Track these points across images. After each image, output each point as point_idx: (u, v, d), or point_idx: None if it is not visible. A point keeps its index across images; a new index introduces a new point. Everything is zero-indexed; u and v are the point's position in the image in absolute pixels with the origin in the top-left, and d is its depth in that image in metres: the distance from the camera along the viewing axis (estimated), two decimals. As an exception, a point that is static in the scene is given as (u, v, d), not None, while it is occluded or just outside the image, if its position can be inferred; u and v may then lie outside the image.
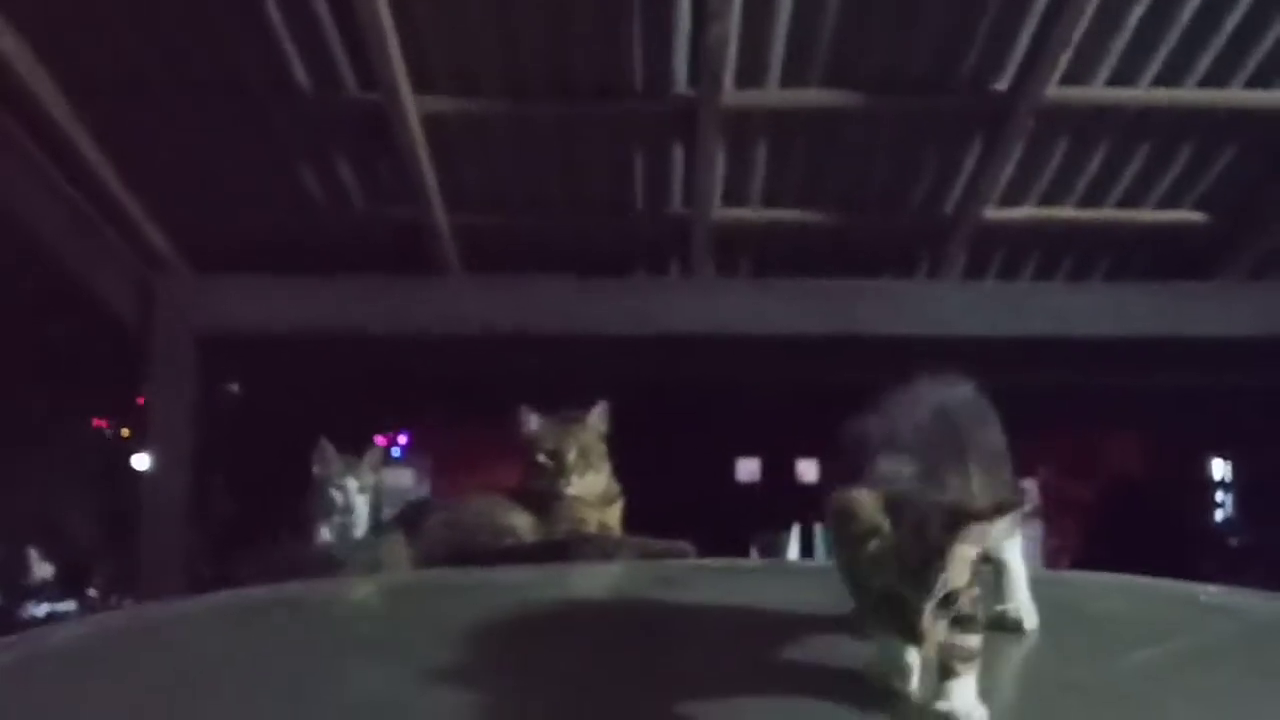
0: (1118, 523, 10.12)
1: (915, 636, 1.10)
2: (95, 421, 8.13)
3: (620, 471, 3.12)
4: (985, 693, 1.30)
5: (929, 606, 1.15)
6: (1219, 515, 11.60)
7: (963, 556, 1.13)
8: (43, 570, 6.96)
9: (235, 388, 6.48)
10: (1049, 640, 1.39)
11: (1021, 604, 1.34)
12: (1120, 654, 1.36)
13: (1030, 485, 8.17)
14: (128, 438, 7.34)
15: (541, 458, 3.05)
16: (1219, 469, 11.69)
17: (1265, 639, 1.57)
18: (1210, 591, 1.98)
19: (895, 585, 1.09)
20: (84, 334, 6.34)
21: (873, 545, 1.06)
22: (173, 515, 5.60)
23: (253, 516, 6.71)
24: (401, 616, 1.80)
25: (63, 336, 6.45)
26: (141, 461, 6.02)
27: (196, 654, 1.45)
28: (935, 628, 1.14)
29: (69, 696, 1.26)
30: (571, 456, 3.00)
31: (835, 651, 1.11)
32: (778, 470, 9.78)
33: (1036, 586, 1.45)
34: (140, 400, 6.05)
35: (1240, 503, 11.48)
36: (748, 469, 10.99)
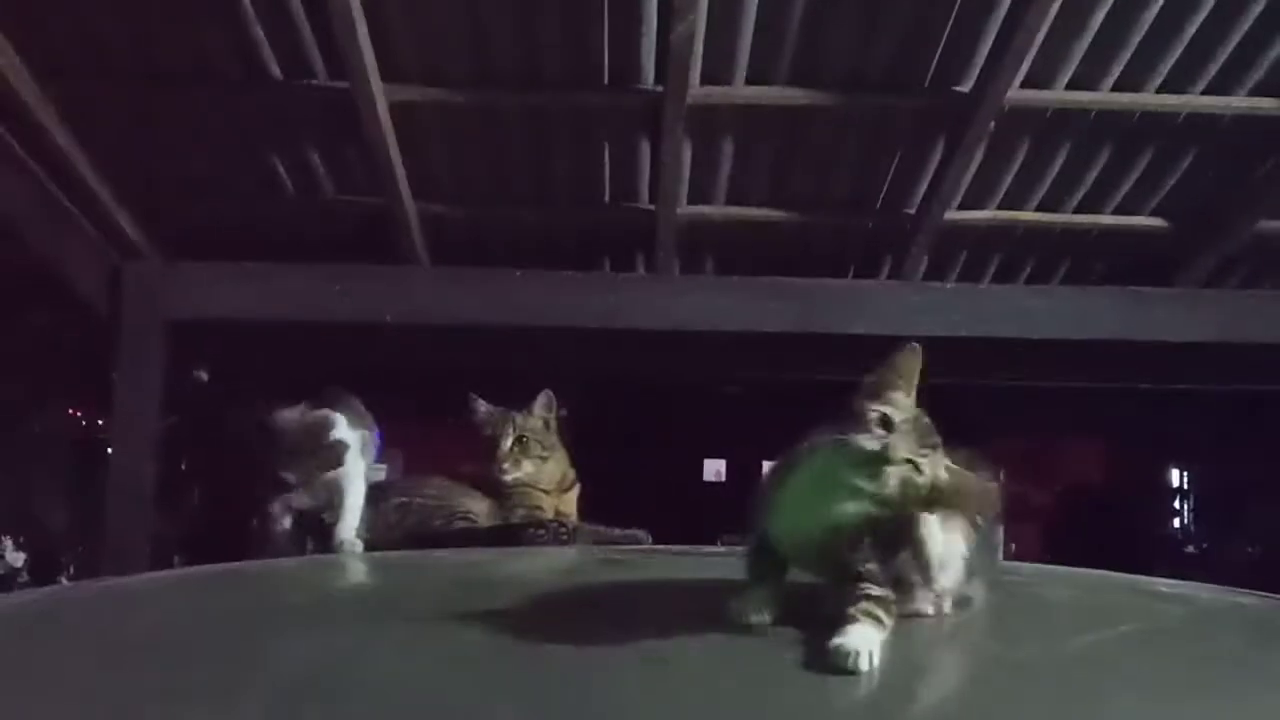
0: (1076, 528, 10.22)
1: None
2: (70, 410, 8.10)
3: (587, 468, 3.15)
4: (933, 669, 1.36)
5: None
6: (1176, 523, 11.71)
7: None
8: (14, 559, 6.93)
9: (203, 375, 6.47)
10: (998, 623, 1.45)
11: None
12: (1067, 637, 1.41)
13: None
14: (102, 426, 7.32)
15: (484, 444, 3.09)
16: (1177, 478, 11.81)
17: (1209, 624, 1.63)
18: (1160, 583, 2.04)
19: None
20: (57, 322, 6.33)
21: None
22: (140, 502, 5.59)
23: (220, 504, 6.71)
24: (341, 590, 1.85)
25: (36, 324, 6.44)
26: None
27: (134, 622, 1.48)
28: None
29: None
30: (507, 443, 3.05)
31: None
32: (744, 471, 9.84)
33: (990, 574, 1.50)
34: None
35: (1198, 512, 11.60)
36: (714, 469, 11.07)
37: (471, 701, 1.14)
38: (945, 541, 1.38)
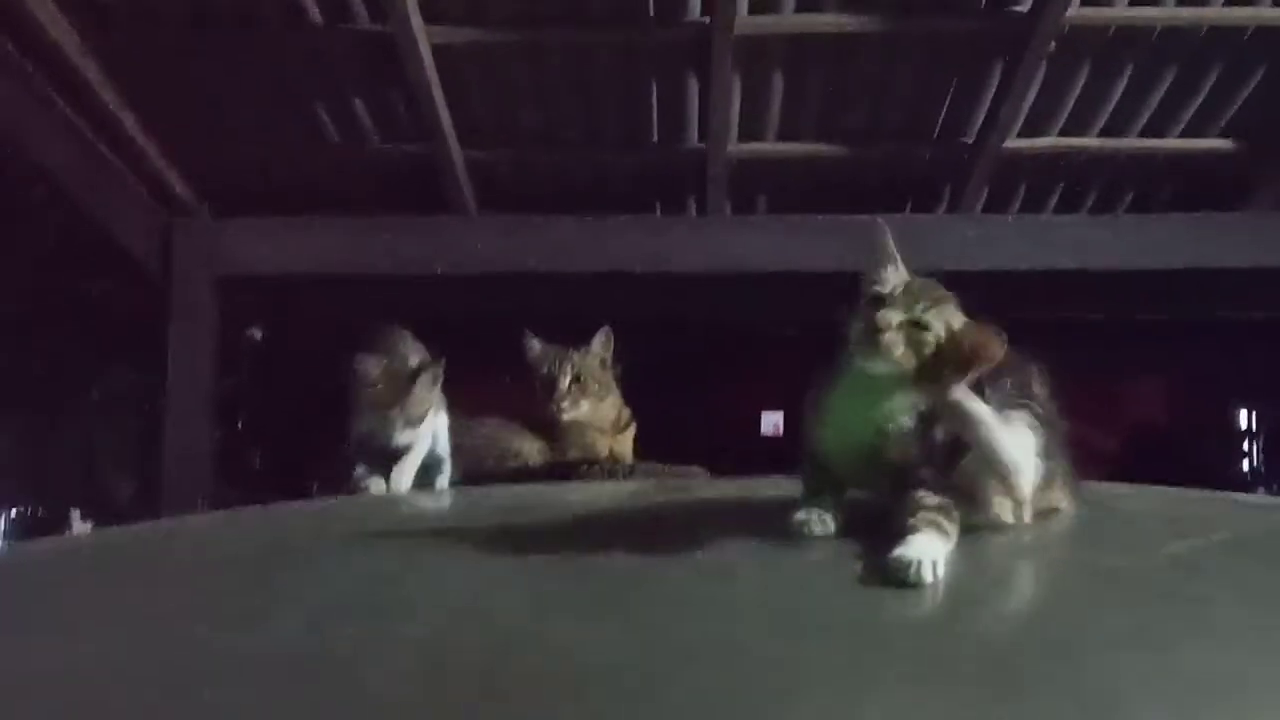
0: (1141, 471, 9.99)
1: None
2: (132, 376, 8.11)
3: (642, 424, 3.09)
4: (1020, 576, 1.28)
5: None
6: (1245, 465, 11.46)
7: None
8: (82, 529, 6.98)
9: (257, 333, 6.46)
10: (1086, 532, 1.37)
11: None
12: (1155, 546, 1.33)
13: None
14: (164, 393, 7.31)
15: (539, 383, 3.03)
16: (1245, 417, 11.55)
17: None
18: (1244, 498, 1.95)
19: None
20: (112, 284, 6.33)
21: None
22: (197, 464, 5.60)
23: (280, 463, 6.71)
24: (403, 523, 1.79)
25: (91, 287, 6.44)
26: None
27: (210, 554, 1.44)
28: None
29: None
30: (565, 381, 2.99)
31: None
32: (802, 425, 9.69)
33: (1071, 482, 1.42)
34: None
35: (1268, 452, 11.34)
36: (772, 422, 10.94)
37: (536, 617, 1.09)
38: (1017, 442, 1.30)
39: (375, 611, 1.11)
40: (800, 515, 1.30)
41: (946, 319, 1.32)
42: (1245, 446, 11.52)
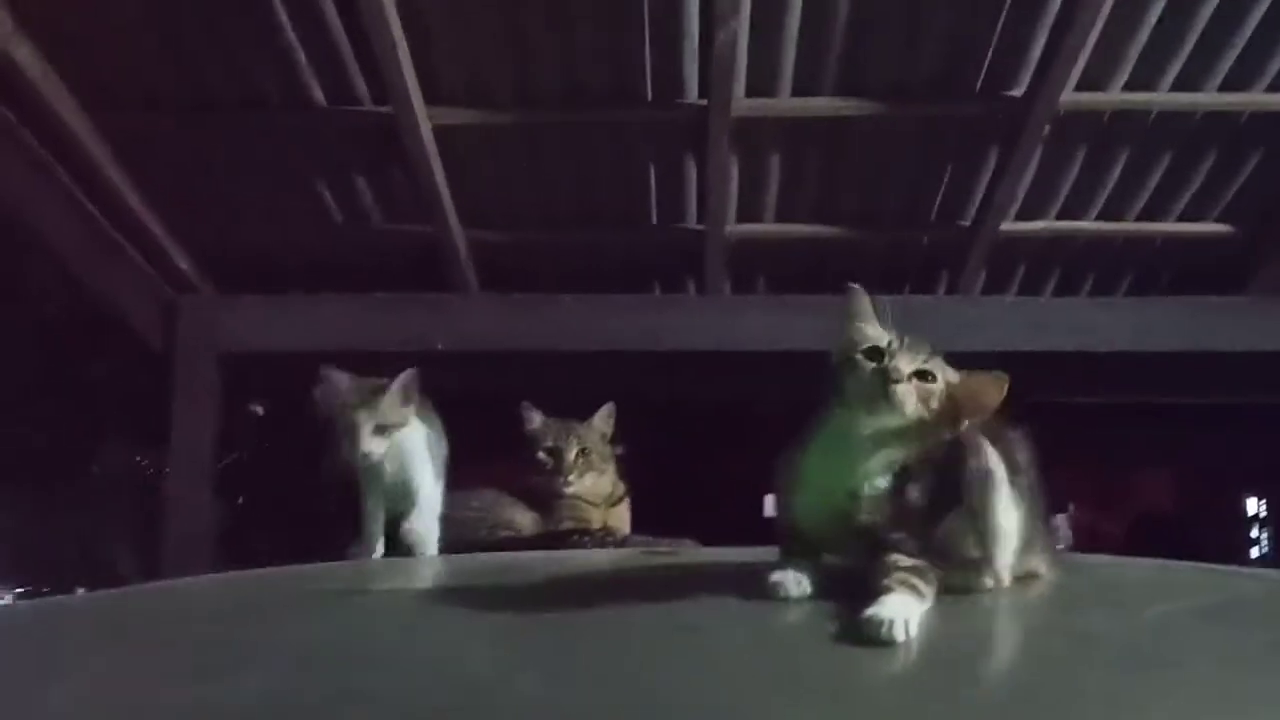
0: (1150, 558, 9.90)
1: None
2: (135, 452, 8.09)
3: (640, 506, 3.07)
4: (998, 636, 1.27)
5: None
6: (1254, 553, 11.35)
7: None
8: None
9: (259, 409, 6.47)
10: (1069, 596, 1.36)
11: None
12: (1137, 610, 1.33)
13: (1061, 520, 8.05)
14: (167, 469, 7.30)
15: (542, 455, 3.03)
16: (1254, 505, 11.47)
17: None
18: (1238, 570, 1.93)
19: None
20: (118, 363, 6.35)
21: None
22: (198, 538, 5.58)
23: (281, 537, 6.68)
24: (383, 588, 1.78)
25: (94, 363, 6.45)
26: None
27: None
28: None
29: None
30: (572, 455, 2.99)
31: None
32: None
33: (1051, 550, 1.42)
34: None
35: (1276, 540, 11.23)
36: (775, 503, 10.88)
37: (507, 668, 1.08)
38: (1004, 510, 1.29)
39: (339, 666, 1.10)
40: (775, 576, 1.29)
41: (945, 374, 1.32)
42: (1253, 533, 11.44)
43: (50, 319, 5.86)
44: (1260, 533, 11.40)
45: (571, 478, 2.96)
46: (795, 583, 1.28)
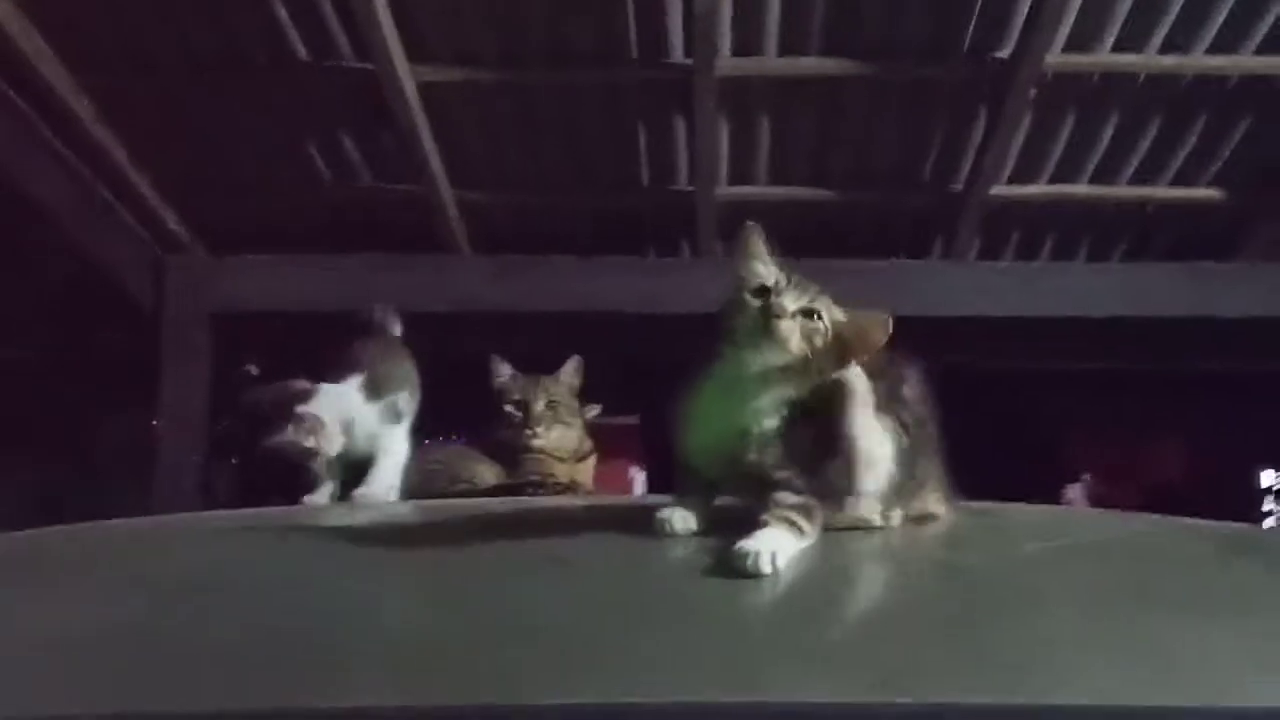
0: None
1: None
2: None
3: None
4: (864, 570, 1.28)
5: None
6: (1268, 525, 11.30)
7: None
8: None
9: (253, 369, 6.48)
10: (953, 535, 1.36)
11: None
12: (1013, 548, 1.33)
13: (1075, 491, 8.03)
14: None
15: (509, 408, 3.02)
16: (1268, 476, 11.41)
17: (1163, 540, 1.51)
18: (1163, 519, 1.92)
19: None
20: (118, 325, 6.37)
21: None
22: (188, 504, 5.61)
23: (275, 499, 6.70)
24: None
25: (100, 330, 6.47)
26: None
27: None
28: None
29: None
30: (539, 407, 2.98)
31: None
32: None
33: (945, 489, 1.42)
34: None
35: (1289, 510, 11.17)
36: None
37: (372, 597, 1.09)
38: (872, 441, 1.29)
39: (213, 591, 1.12)
40: (662, 514, 1.29)
41: (830, 310, 1.31)
42: (1267, 505, 11.39)
43: (47, 283, 5.87)
44: (1274, 504, 11.35)
45: (539, 429, 2.94)
46: (681, 520, 1.28)
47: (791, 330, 1.27)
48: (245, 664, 0.91)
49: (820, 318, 1.29)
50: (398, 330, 2.59)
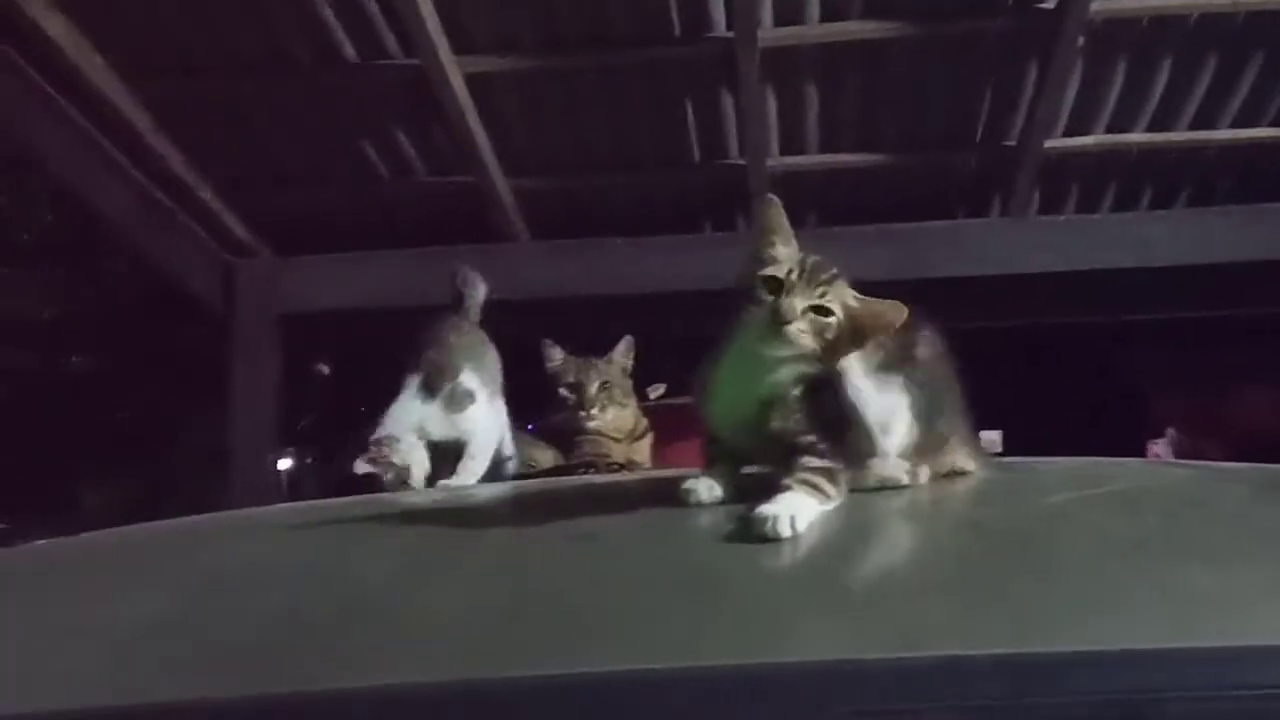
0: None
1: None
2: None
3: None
4: (888, 528, 1.29)
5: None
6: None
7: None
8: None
9: (325, 368, 6.61)
10: (980, 490, 1.37)
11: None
12: (1035, 499, 1.33)
13: (1162, 446, 7.90)
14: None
15: (564, 391, 3.06)
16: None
17: (1191, 488, 1.51)
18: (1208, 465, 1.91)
19: None
20: (191, 333, 6.51)
21: None
22: (264, 498, 5.72)
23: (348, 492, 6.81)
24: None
25: (172, 337, 6.61)
26: (283, 461, 6.10)
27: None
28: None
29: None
30: (594, 389, 3.01)
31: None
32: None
33: (974, 445, 1.43)
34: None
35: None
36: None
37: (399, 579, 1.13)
38: (884, 402, 1.31)
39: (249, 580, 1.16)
40: (688, 484, 1.32)
41: (843, 299, 1.32)
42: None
43: (119, 294, 6.02)
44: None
45: (594, 411, 2.97)
46: (707, 489, 1.30)
47: (800, 333, 1.28)
48: (276, 645, 0.96)
49: (830, 313, 1.29)
50: (481, 293, 2.61)
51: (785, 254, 1.36)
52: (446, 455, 2.42)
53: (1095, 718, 0.82)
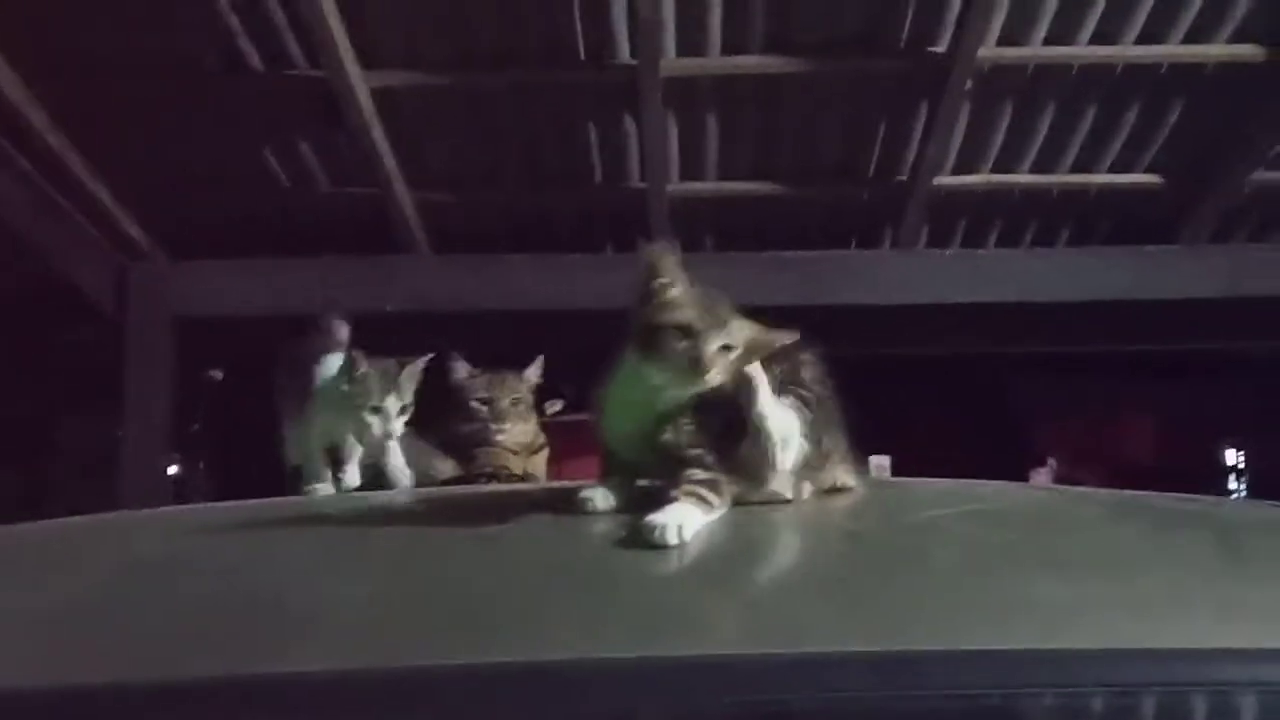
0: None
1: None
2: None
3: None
4: (768, 537, 1.38)
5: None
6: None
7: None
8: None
9: (217, 374, 6.55)
10: (857, 506, 1.47)
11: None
12: (909, 513, 1.43)
13: (1041, 475, 8.15)
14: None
15: (474, 404, 3.10)
16: (1232, 455, 11.56)
17: (1052, 508, 1.63)
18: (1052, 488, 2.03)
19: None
20: (76, 331, 6.40)
21: None
22: (154, 503, 5.66)
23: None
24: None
25: (56, 335, 6.49)
26: (172, 466, 6.03)
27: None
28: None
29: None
30: (506, 403, 3.07)
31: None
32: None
33: (853, 464, 1.52)
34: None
35: (1251, 490, 11.34)
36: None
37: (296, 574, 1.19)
38: (784, 418, 1.39)
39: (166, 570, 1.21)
40: (584, 493, 1.39)
41: (744, 332, 1.39)
42: (1231, 484, 11.54)
43: (7, 292, 5.89)
44: (1238, 483, 11.51)
45: (506, 426, 3.02)
46: (603, 498, 1.38)
47: (714, 372, 1.35)
48: (189, 636, 1.01)
49: (734, 349, 1.37)
50: (344, 335, 2.65)
51: (685, 296, 1.41)
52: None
53: (953, 710, 0.91)
